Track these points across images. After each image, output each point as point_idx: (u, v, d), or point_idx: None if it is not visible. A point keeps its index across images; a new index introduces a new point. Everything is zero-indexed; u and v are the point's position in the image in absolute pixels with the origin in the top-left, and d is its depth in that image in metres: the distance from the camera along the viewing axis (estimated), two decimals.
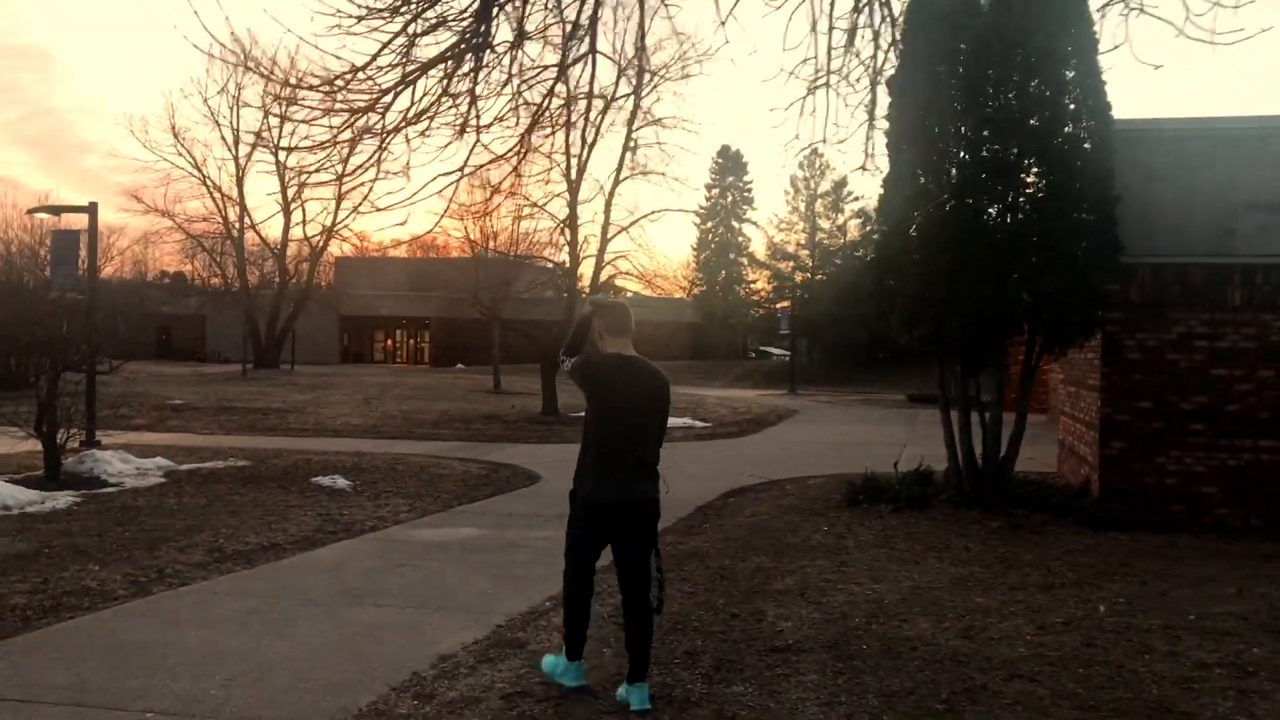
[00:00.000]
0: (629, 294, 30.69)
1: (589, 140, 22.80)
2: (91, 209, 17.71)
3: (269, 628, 6.64)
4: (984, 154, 10.64)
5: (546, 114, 9.84)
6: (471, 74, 8.45)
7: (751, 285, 60.36)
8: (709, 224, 57.34)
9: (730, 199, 57.80)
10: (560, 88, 9.49)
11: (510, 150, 9.93)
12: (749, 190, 57.80)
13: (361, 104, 8.33)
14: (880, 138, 11.28)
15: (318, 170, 9.33)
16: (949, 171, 10.81)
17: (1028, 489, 11.52)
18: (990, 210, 10.56)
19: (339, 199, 49.86)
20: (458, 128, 8.53)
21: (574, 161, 22.85)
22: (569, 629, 5.39)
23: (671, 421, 19.94)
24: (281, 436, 20.12)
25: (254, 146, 47.50)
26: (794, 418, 27.25)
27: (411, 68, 8.30)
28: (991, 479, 11.05)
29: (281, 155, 47.22)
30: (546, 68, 9.41)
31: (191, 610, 7.06)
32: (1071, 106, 10.46)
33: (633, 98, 22.28)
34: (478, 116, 8.58)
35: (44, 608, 7.00)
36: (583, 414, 5.58)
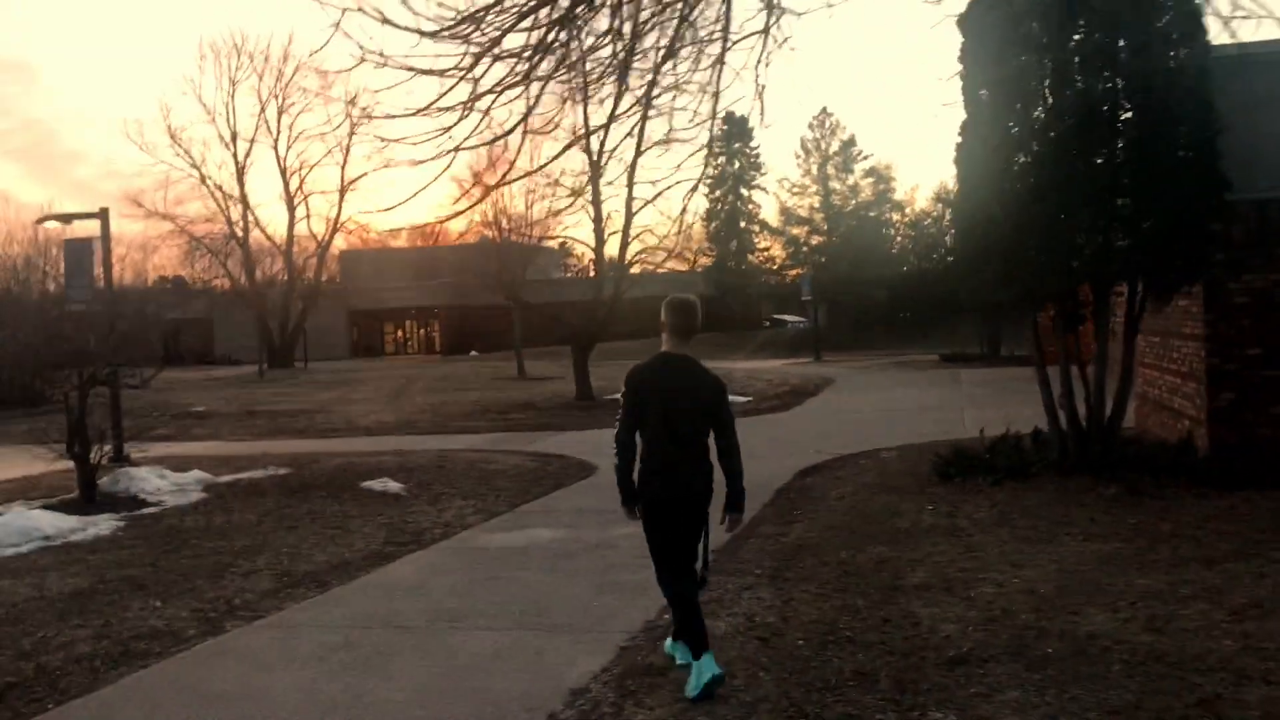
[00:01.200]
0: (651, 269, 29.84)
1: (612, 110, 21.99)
2: (103, 215, 16.96)
3: (365, 665, 5.92)
4: (1074, 92, 9.83)
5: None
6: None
7: (765, 253, 59.45)
8: (717, 193, 56.39)
9: (738, 166, 56.83)
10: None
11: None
12: (757, 156, 56.79)
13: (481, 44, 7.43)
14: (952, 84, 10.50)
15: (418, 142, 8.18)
16: (1036, 115, 10.00)
17: (1129, 450, 10.77)
18: (1085, 153, 9.72)
19: (343, 190, 49.28)
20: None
21: (595, 138, 21.98)
22: (686, 625, 5.32)
23: None
24: (314, 439, 19.38)
25: (252, 140, 46.65)
26: (832, 386, 26.45)
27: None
28: (1099, 442, 10.28)
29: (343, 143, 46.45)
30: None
31: (273, 649, 6.33)
32: (1169, 35, 9.63)
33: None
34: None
35: (112, 656, 6.27)
36: (617, 395, 5.90)
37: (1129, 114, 9.82)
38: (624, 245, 23.06)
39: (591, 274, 26.95)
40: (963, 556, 7.64)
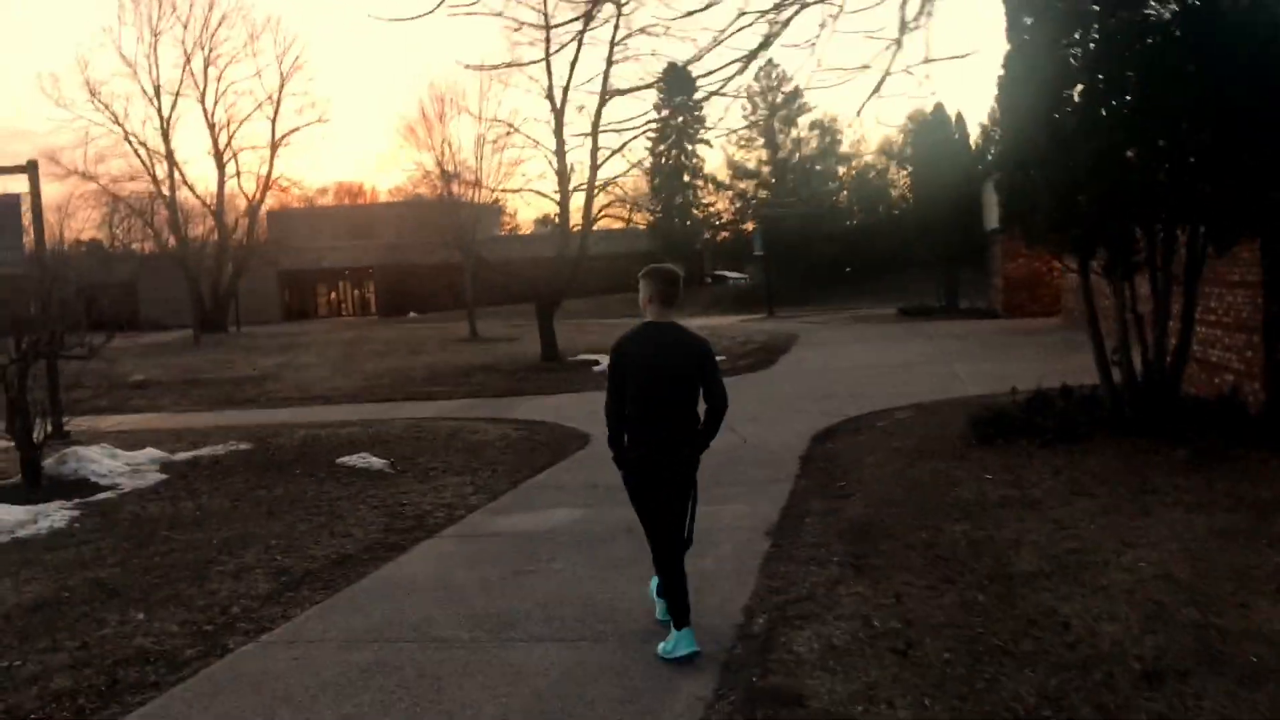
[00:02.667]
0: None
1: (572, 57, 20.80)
2: (31, 169, 15.43)
3: (413, 693, 4.89)
4: (1127, 19, 8.94)
5: None
6: None
7: (710, 208, 58.31)
8: (661, 147, 55.08)
9: (681, 119, 55.50)
10: None
11: None
12: (700, 110, 55.42)
13: None
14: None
15: None
16: (1088, 45, 9.10)
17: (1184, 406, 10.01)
18: (1154, 85, 8.83)
19: (273, 146, 47.25)
20: None
21: (556, 81, 20.76)
22: (671, 595, 5.32)
23: None
24: (268, 409, 18.09)
25: (176, 97, 44.41)
26: (801, 343, 25.64)
27: None
28: (1158, 400, 9.49)
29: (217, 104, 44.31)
30: None
31: (294, 675, 5.26)
32: None
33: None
34: None
35: (99, 691, 5.16)
36: (584, 356, 7.20)
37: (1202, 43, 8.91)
38: (589, 198, 21.91)
39: (545, 230, 25.73)
40: (1059, 534, 6.78)
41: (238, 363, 27.17)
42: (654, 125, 48.50)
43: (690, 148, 54.76)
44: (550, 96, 20.84)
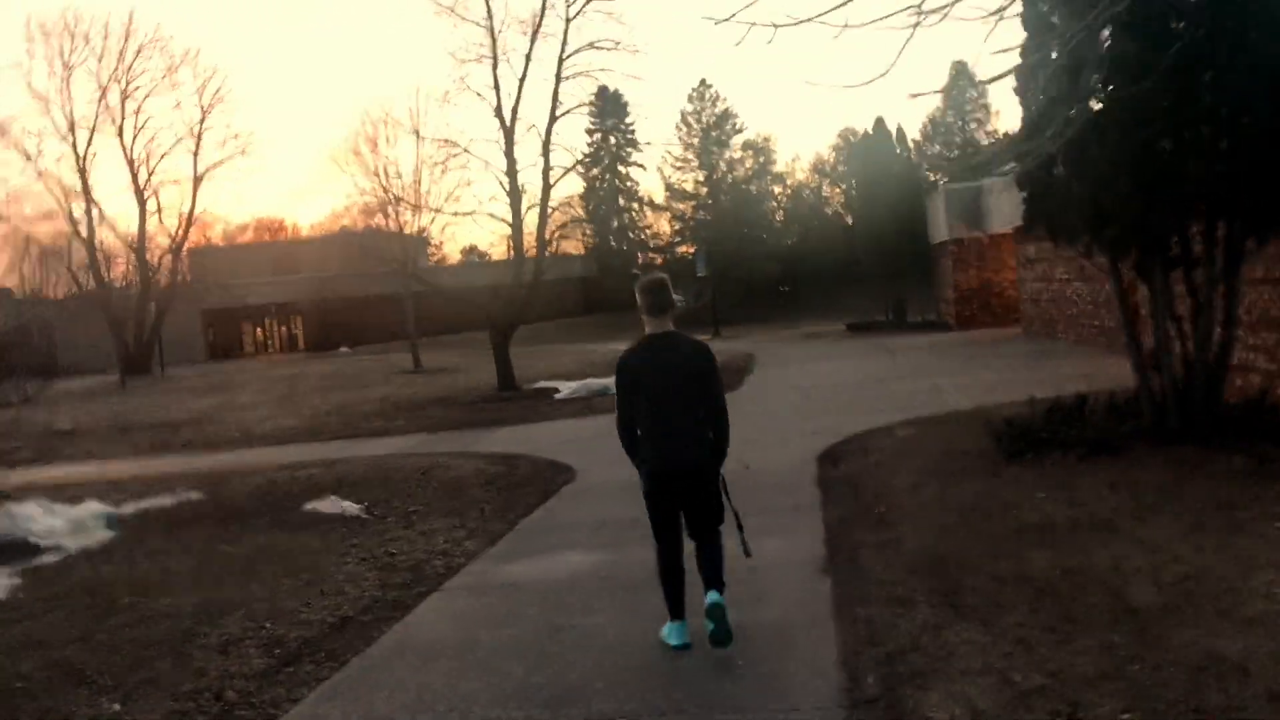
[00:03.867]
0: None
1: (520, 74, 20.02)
2: None
3: None
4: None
5: None
6: None
7: (647, 230, 57.59)
8: (594, 170, 54.39)
9: (614, 142, 54.92)
10: None
11: None
12: (632, 132, 54.88)
13: None
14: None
15: None
16: (1119, 27, 8.49)
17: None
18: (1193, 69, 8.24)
19: (196, 181, 45.58)
20: None
21: (506, 98, 19.88)
22: (666, 591, 5.56)
23: None
24: (211, 453, 16.88)
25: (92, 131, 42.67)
26: (760, 361, 24.97)
27: None
28: (1200, 406, 8.88)
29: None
30: None
31: None
32: None
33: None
34: None
35: None
36: (541, 384, 7.92)
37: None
38: (543, 218, 20.97)
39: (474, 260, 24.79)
40: (1159, 559, 6.06)
41: (171, 406, 25.74)
42: (588, 148, 47.97)
43: (624, 170, 54.15)
44: (499, 114, 19.96)
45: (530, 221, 21.02)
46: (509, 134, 19.96)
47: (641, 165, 55.18)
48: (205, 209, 47.06)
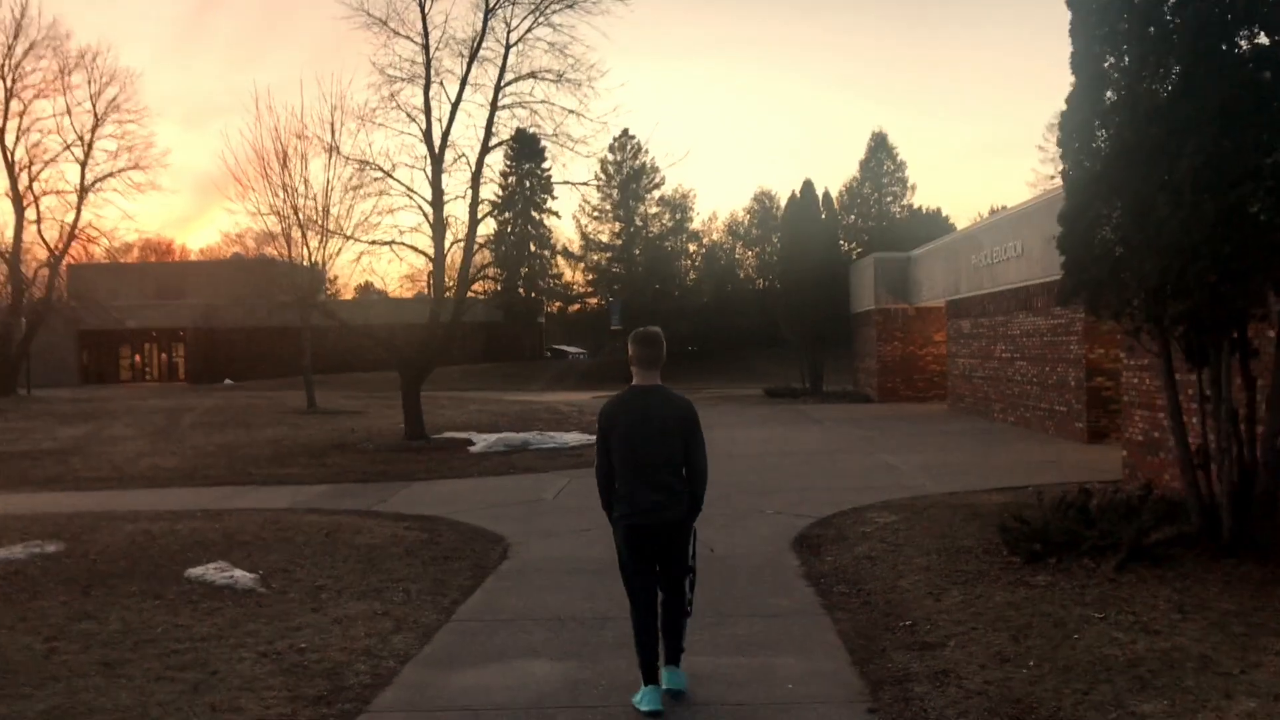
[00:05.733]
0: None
1: (454, 97, 18.51)
2: None
3: None
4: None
5: None
6: None
7: (558, 279, 56.06)
8: (506, 214, 52.74)
9: (528, 187, 53.44)
10: None
11: None
12: (547, 177, 53.44)
13: None
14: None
15: None
16: (1190, 74, 7.41)
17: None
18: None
19: (82, 191, 42.70)
20: None
21: (437, 123, 18.30)
22: (641, 656, 5.38)
23: (565, 439, 15.53)
24: (77, 491, 14.77)
25: None
26: None
27: None
28: (1261, 514, 7.72)
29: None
30: None
31: None
32: None
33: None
34: None
35: None
36: (453, 434, 6.68)
37: None
38: (467, 255, 19.30)
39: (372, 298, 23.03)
40: None
41: (35, 432, 23.25)
42: (500, 190, 46.43)
43: (537, 216, 52.75)
44: (429, 138, 18.36)
45: (454, 257, 19.44)
46: (437, 160, 18.36)
47: (556, 213, 53.83)
48: (90, 223, 43.72)
